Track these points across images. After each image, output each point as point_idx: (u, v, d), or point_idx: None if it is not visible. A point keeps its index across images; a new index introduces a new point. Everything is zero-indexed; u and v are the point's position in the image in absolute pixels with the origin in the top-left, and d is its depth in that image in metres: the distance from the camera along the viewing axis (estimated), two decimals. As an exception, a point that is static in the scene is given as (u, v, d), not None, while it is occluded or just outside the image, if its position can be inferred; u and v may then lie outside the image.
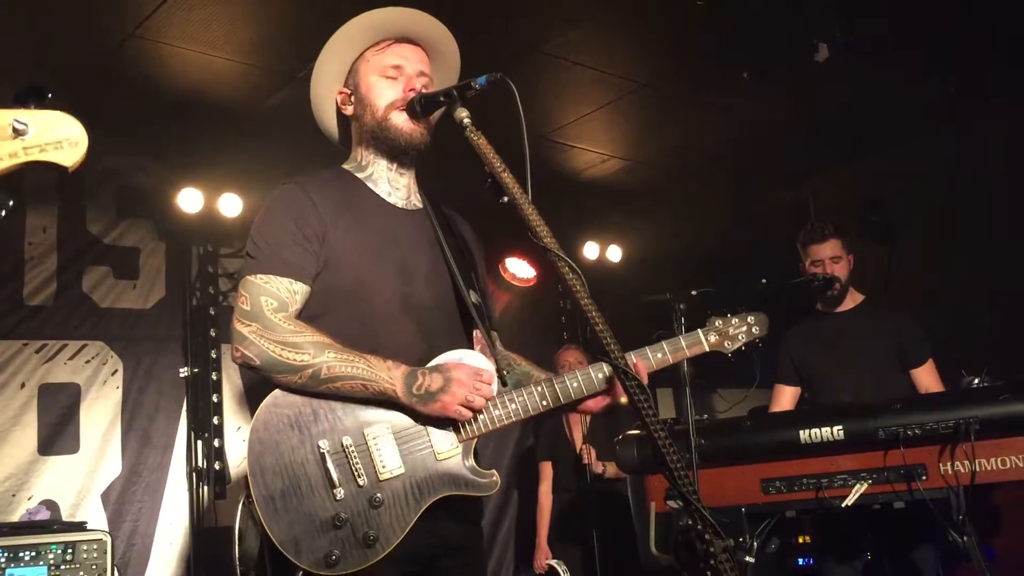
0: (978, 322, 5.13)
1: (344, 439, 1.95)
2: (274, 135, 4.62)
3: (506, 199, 1.99)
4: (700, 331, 2.31)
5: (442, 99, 2.10)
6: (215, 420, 5.21)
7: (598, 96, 5.05)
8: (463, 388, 1.97)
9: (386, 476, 1.95)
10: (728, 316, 2.35)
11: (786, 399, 4.04)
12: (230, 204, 5.15)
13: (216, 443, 5.17)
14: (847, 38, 4.33)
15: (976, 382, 3.14)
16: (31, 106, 1.27)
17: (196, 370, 5.20)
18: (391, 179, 2.25)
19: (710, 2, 4.09)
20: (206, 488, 5.06)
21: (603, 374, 2.09)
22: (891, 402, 3.15)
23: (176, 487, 5.03)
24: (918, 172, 5.74)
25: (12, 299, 4.74)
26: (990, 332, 5.04)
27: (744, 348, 2.35)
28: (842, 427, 3.10)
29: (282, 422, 1.94)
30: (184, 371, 5.19)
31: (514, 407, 2.06)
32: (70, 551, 3.68)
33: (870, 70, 4.72)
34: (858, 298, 4.02)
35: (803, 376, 4.02)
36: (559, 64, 4.61)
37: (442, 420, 2.01)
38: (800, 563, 4.66)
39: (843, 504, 3.05)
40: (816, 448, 3.14)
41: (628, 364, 1.92)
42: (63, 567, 3.65)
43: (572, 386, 2.08)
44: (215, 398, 5.24)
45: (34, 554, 3.63)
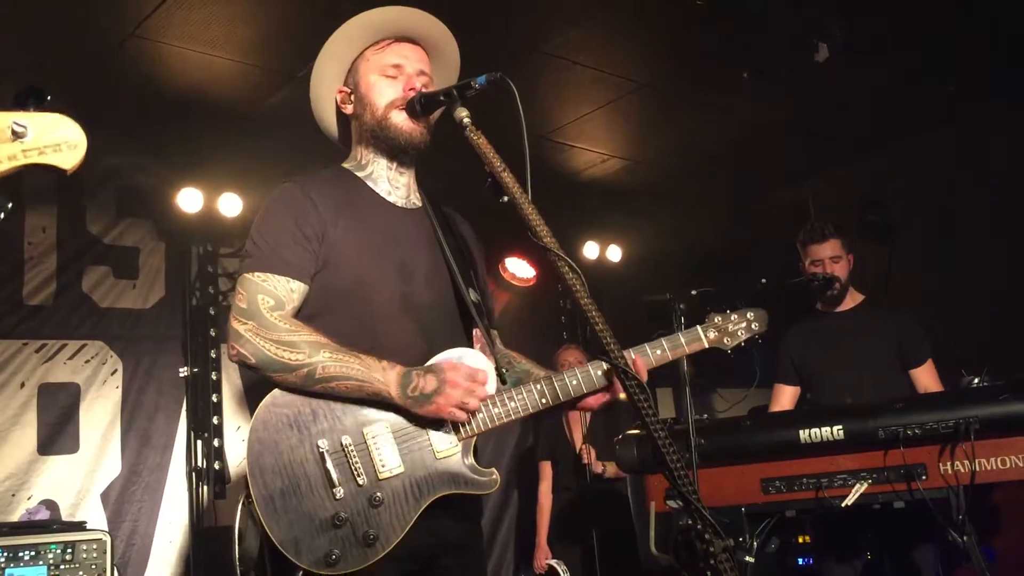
0: (978, 322, 5.13)
1: (343, 438, 1.95)
2: (274, 135, 4.62)
3: (506, 199, 1.99)
4: (699, 327, 2.30)
5: (442, 98, 2.10)
6: (215, 420, 5.21)
7: (598, 96, 5.04)
8: (457, 390, 1.96)
9: (385, 475, 1.94)
10: (727, 312, 2.35)
11: (786, 399, 4.04)
12: (230, 204, 5.14)
13: (216, 443, 5.17)
14: (847, 38, 4.33)
15: (976, 382, 3.13)
16: (30, 108, 1.27)
17: (196, 370, 5.20)
18: (391, 178, 2.25)
19: (710, 2, 4.09)
20: (206, 488, 5.05)
21: (602, 371, 2.09)
22: (891, 402, 3.15)
23: (176, 487, 5.03)
24: (918, 172, 5.74)
25: (12, 299, 4.74)
26: (990, 332, 5.03)
27: (744, 344, 2.34)
28: (842, 427, 3.10)
29: (281, 422, 1.94)
30: (184, 371, 5.19)
31: (513, 405, 2.05)
32: (70, 551, 3.68)
33: (870, 70, 4.72)
34: (858, 298, 4.02)
35: (803, 376, 4.02)
36: (559, 64, 4.61)
37: (440, 420, 2.01)
38: (800, 563, 4.66)
39: (843, 504, 3.05)
40: (816, 448, 3.14)
41: (628, 363, 1.93)
42: (63, 567, 3.65)
43: (571, 383, 2.08)
44: (215, 398, 5.24)
45: (34, 554, 3.62)
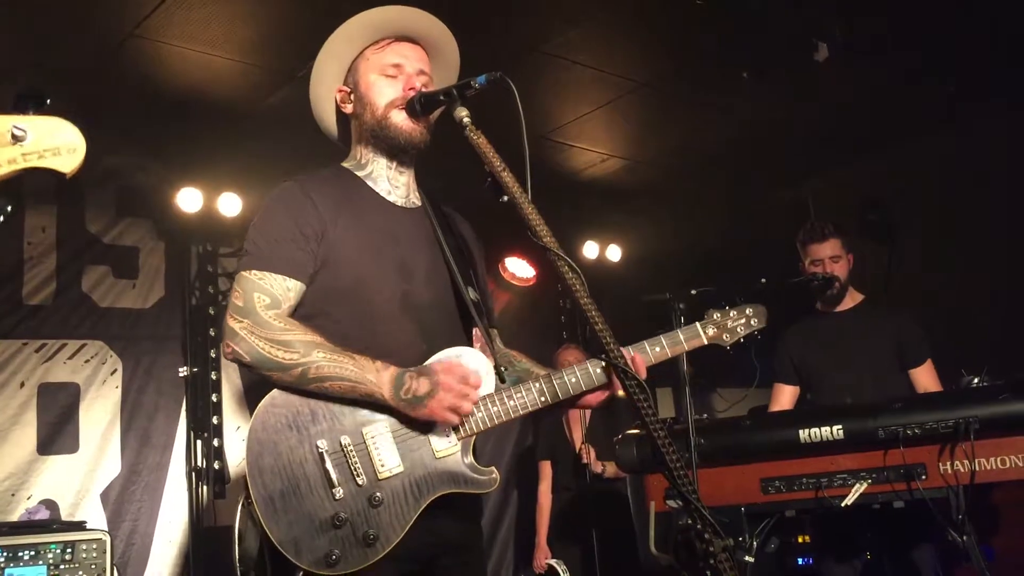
0: (978, 322, 5.13)
1: (342, 438, 1.95)
2: (274, 134, 4.61)
3: (506, 198, 1.99)
4: (698, 324, 2.30)
5: (442, 98, 2.10)
6: (214, 419, 5.21)
7: (598, 96, 5.04)
8: (450, 393, 1.95)
9: (385, 475, 1.94)
10: (726, 309, 2.34)
11: (785, 398, 4.04)
12: (229, 203, 5.14)
13: (215, 442, 5.17)
14: (847, 38, 4.32)
15: (976, 381, 3.13)
16: (30, 112, 1.27)
17: (195, 369, 5.20)
18: (391, 177, 2.25)
19: (710, 2, 4.09)
20: (205, 487, 5.05)
21: (601, 368, 2.08)
22: (891, 401, 3.16)
23: (175, 486, 5.03)
24: (918, 172, 5.74)
25: (11, 299, 4.74)
26: (990, 332, 5.03)
27: (743, 340, 2.34)
28: (842, 427, 3.10)
29: (280, 422, 1.94)
30: (183, 370, 5.19)
31: (512, 404, 2.05)
32: (69, 551, 3.68)
33: (870, 70, 4.72)
34: (857, 297, 4.02)
35: (802, 375, 4.02)
36: (559, 64, 4.60)
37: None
38: (800, 563, 4.66)
39: (843, 504, 3.05)
40: (816, 448, 3.14)
41: (627, 362, 1.92)
42: (62, 567, 3.64)
43: (570, 381, 2.08)
44: (214, 397, 5.24)
45: (33, 553, 3.62)
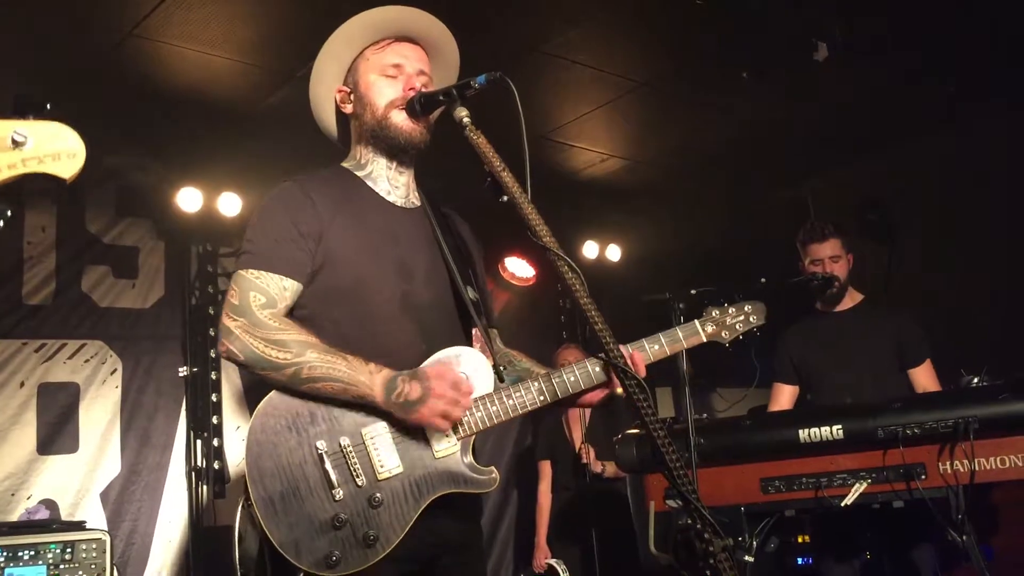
0: (978, 322, 5.13)
1: (342, 439, 1.95)
2: (273, 134, 4.61)
3: (505, 198, 1.99)
4: (696, 322, 2.30)
5: (442, 98, 2.10)
6: (214, 419, 5.21)
7: (598, 95, 5.04)
8: (441, 400, 1.94)
9: (385, 475, 1.94)
10: (725, 306, 2.35)
11: (785, 398, 4.04)
12: (229, 203, 5.14)
13: (215, 442, 5.17)
14: (847, 38, 4.32)
15: (975, 381, 3.13)
16: (30, 117, 1.27)
17: (195, 369, 5.19)
18: (390, 177, 2.25)
19: (710, 2, 4.08)
20: (205, 487, 5.05)
21: (600, 366, 2.08)
22: (890, 401, 3.16)
23: (175, 486, 5.02)
24: (918, 172, 5.74)
25: (11, 298, 4.73)
26: (990, 332, 5.03)
27: (742, 338, 2.34)
28: (841, 426, 3.10)
29: (279, 424, 1.94)
30: (183, 370, 5.18)
31: (511, 403, 2.05)
32: (69, 550, 3.68)
33: (870, 70, 4.71)
34: (857, 297, 4.02)
35: (802, 375, 4.02)
36: (559, 63, 4.60)
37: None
38: (799, 562, 4.65)
39: (842, 503, 3.05)
40: (815, 447, 3.14)
41: (626, 361, 1.92)
42: (62, 566, 3.64)
43: (569, 380, 2.08)
44: (214, 397, 5.24)
45: (33, 553, 3.62)
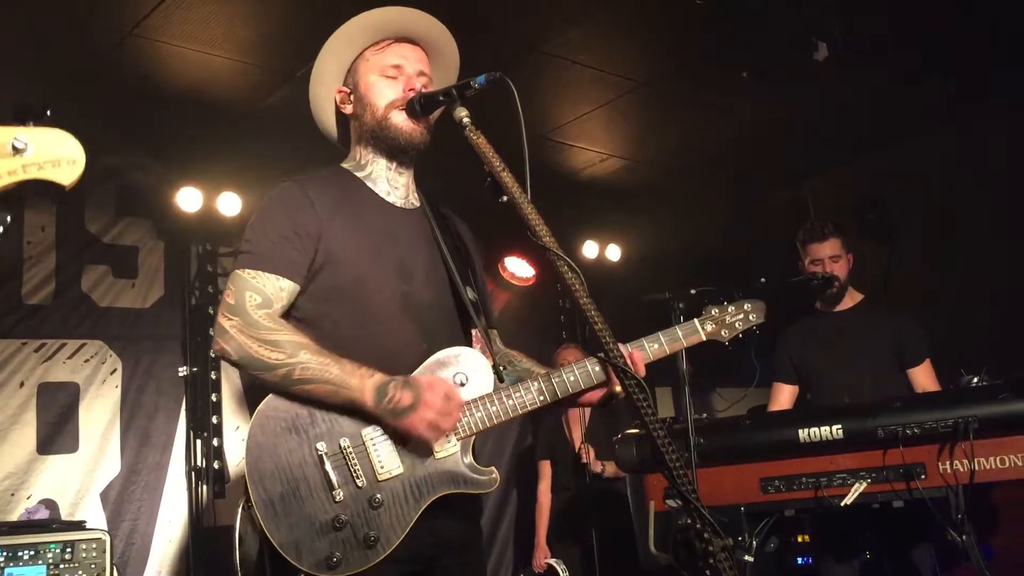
0: (978, 322, 5.13)
1: (342, 440, 1.95)
2: (273, 134, 4.61)
3: (505, 198, 1.99)
4: (696, 320, 2.30)
5: (442, 98, 2.11)
6: (214, 419, 5.21)
7: (597, 95, 5.04)
8: (431, 410, 1.93)
9: (385, 476, 1.94)
10: (724, 304, 2.35)
11: (784, 398, 4.04)
12: (229, 203, 5.13)
13: (215, 442, 5.17)
14: (847, 38, 4.32)
15: (975, 381, 3.14)
16: (30, 124, 1.28)
17: (195, 369, 5.19)
18: (390, 178, 2.25)
19: (710, 2, 4.08)
20: (205, 487, 5.05)
21: (600, 367, 2.08)
22: (890, 401, 3.16)
23: (175, 486, 5.02)
24: (918, 172, 5.74)
25: (11, 298, 4.73)
26: (990, 332, 5.03)
27: (742, 336, 2.34)
28: (841, 426, 3.10)
29: (279, 425, 1.94)
30: (183, 370, 5.18)
31: (511, 403, 2.05)
32: (69, 550, 3.68)
33: (870, 70, 4.71)
34: (857, 297, 4.02)
35: (802, 375, 4.02)
36: (558, 63, 4.60)
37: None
38: (799, 562, 4.65)
39: (842, 503, 3.05)
40: (815, 447, 3.14)
41: (626, 360, 1.92)
42: (62, 566, 3.64)
43: (569, 380, 2.08)
44: (214, 397, 5.24)
45: (33, 553, 3.62)
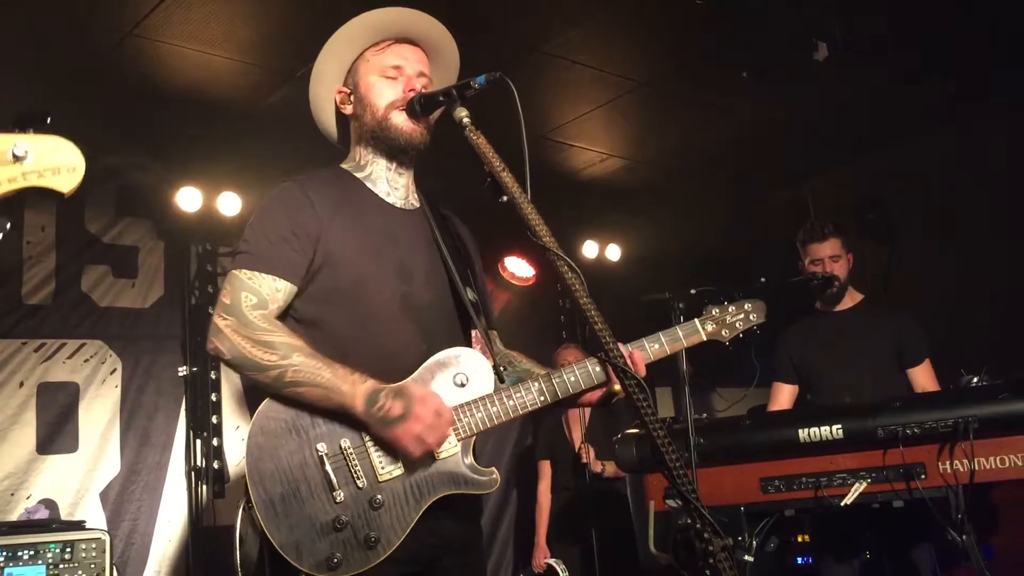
0: (978, 322, 5.13)
1: (342, 441, 1.95)
2: (273, 134, 4.61)
3: (505, 198, 1.99)
4: (696, 320, 2.30)
5: (442, 99, 2.10)
6: (214, 419, 5.21)
7: (597, 95, 5.04)
8: (419, 424, 1.92)
9: (385, 477, 1.94)
10: (725, 304, 2.35)
11: (784, 397, 4.04)
12: (229, 203, 5.14)
13: (215, 442, 5.17)
14: (847, 38, 4.32)
15: (975, 381, 3.14)
16: (30, 131, 1.28)
17: (195, 369, 5.19)
18: (390, 179, 2.25)
19: (710, 2, 4.08)
20: (205, 487, 5.05)
21: (600, 367, 2.08)
22: (890, 401, 3.16)
23: (175, 486, 5.02)
24: (918, 172, 5.74)
25: (11, 298, 4.73)
26: (990, 332, 5.03)
27: (742, 336, 2.34)
28: (841, 426, 3.10)
29: (280, 426, 1.94)
30: (183, 370, 5.18)
31: (512, 403, 2.05)
32: (69, 550, 3.67)
33: (870, 70, 4.71)
34: (857, 297, 4.02)
35: (802, 375, 4.02)
36: (558, 63, 4.60)
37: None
38: (799, 562, 4.65)
39: (842, 503, 3.05)
40: (815, 447, 3.14)
41: (626, 360, 1.92)
42: (62, 566, 3.64)
43: (570, 380, 2.08)
44: (214, 397, 5.24)
45: (33, 553, 3.62)
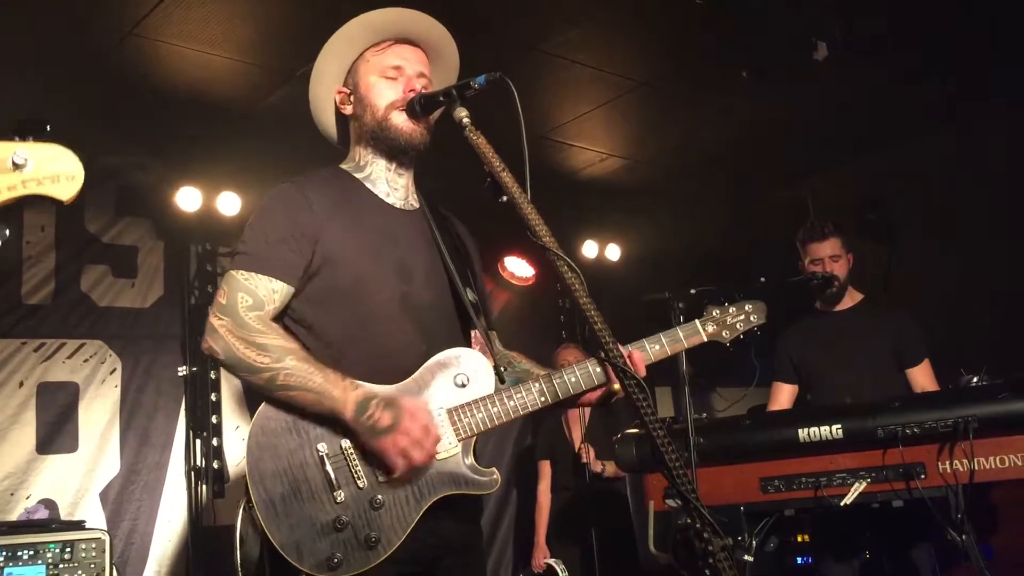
0: (978, 322, 5.12)
1: (343, 442, 1.95)
2: (273, 134, 4.60)
3: (505, 198, 1.99)
4: (697, 321, 2.31)
5: (441, 99, 2.11)
6: (213, 419, 5.21)
7: (597, 95, 5.03)
8: (406, 438, 1.91)
9: (386, 478, 1.94)
10: (725, 305, 2.35)
11: (784, 397, 4.04)
12: (228, 203, 5.14)
13: (215, 442, 5.17)
14: (847, 38, 4.32)
15: (975, 381, 3.14)
16: (30, 139, 1.29)
17: (195, 369, 5.19)
18: (389, 179, 2.25)
19: (710, 2, 4.08)
20: (205, 487, 5.05)
21: (600, 367, 2.08)
22: (890, 401, 3.16)
23: (175, 486, 5.02)
24: (918, 172, 5.73)
25: (10, 298, 4.73)
26: (990, 332, 5.03)
27: (743, 337, 2.34)
28: (841, 426, 3.10)
29: (280, 426, 1.94)
30: (183, 370, 5.18)
31: (512, 404, 2.05)
32: (68, 550, 3.68)
33: (870, 70, 4.71)
34: (857, 297, 4.02)
35: (802, 375, 4.02)
36: (558, 63, 4.60)
37: (439, 420, 2.00)
38: (799, 562, 4.64)
39: (842, 503, 3.06)
40: (815, 447, 3.14)
41: (626, 360, 1.92)
42: (61, 566, 3.64)
43: (570, 381, 2.08)
44: (213, 397, 5.24)
45: (32, 553, 3.62)
